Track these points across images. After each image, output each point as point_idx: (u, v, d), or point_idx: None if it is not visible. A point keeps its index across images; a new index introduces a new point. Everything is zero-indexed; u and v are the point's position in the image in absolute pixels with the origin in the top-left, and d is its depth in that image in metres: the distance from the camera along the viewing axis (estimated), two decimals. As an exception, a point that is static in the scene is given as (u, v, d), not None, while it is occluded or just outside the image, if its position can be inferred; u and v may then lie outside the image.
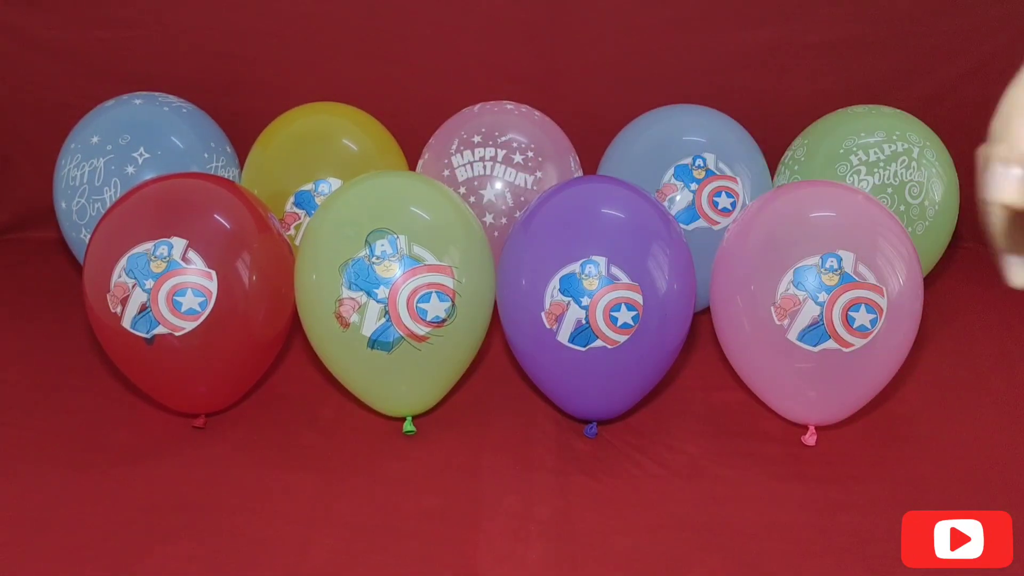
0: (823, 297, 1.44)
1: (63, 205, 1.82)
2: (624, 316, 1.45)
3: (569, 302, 1.45)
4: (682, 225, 1.77)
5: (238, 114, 2.09)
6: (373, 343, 1.47)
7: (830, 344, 1.45)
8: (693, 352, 1.84)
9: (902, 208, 1.73)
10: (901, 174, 1.74)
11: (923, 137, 1.79)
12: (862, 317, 1.44)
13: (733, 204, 1.79)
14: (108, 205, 1.75)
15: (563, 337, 1.47)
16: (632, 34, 2.11)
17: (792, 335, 1.46)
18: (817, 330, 1.45)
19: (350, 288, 1.46)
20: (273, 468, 1.52)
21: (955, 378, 1.75)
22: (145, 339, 1.49)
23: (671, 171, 1.80)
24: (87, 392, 1.72)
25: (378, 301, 1.46)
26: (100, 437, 1.60)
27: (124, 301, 1.48)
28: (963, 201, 1.85)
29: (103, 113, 1.86)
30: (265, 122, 1.97)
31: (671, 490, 1.47)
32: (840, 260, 1.44)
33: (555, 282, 1.46)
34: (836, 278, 1.43)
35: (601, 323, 1.45)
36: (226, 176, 1.90)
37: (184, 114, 1.90)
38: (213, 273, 1.49)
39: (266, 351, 1.64)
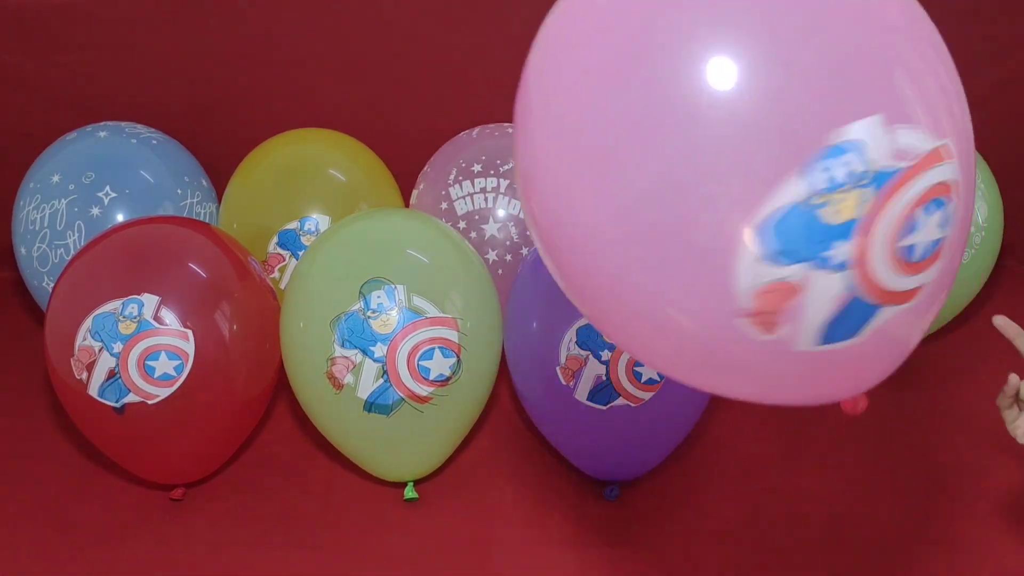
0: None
1: (23, 251, 1.67)
2: (650, 371, 1.31)
3: (587, 356, 1.32)
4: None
5: (214, 143, 1.94)
6: (370, 406, 1.34)
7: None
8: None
9: (948, 236, 1.58)
10: (946, 199, 1.59)
11: (967, 156, 1.64)
12: None
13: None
14: (72, 252, 1.60)
15: (581, 395, 1.33)
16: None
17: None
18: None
19: (343, 346, 1.33)
20: (260, 546, 1.39)
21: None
22: (114, 408, 1.34)
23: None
24: (52, 460, 1.58)
25: (375, 360, 1.32)
26: (68, 514, 1.46)
27: (90, 367, 1.34)
28: (1007, 220, 1.71)
29: (64, 147, 1.71)
30: (244, 152, 1.83)
31: (703, 563, 1.34)
32: None
33: (571, 334, 1.33)
34: None
35: (624, 379, 1.31)
36: (203, 212, 1.75)
37: (154, 146, 1.75)
38: (189, 332, 1.35)
39: (250, 411, 1.51)
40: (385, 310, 1.32)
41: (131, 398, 1.34)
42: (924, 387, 1.68)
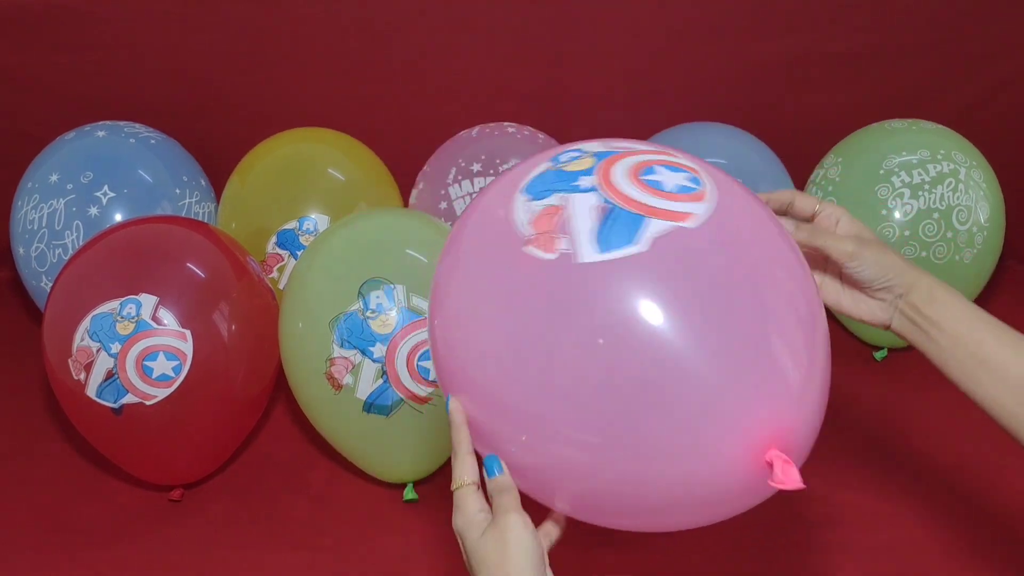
0: None
1: (21, 251, 1.66)
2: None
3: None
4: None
5: (213, 143, 1.94)
6: (369, 407, 1.33)
7: None
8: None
9: (949, 235, 1.58)
10: (948, 197, 1.59)
11: (969, 156, 1.64)
12: None
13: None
14: (70, 252, 1.60)
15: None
16: (642, 45, 1.96)
17: None
18: None
19: (342, 346, 1.32)
20: (259, 547, 1.39)
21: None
22: (112, 409, 1.33)
23: (692, 198, 1.65)
24: (50, 461, 1.57)
25: (374, 360, 1.31)
26: (66, 515, 1.46)
27: (88, 367, 1.33)
28: (1008, 220, 1.71)
29: (63, 147, 1.70)
30: (243, 151, 1.82)
31: (703, 563, 1.33)
32: None
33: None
34: None
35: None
36: (201, 211, 1.75)
37: (153, 145, 1.75)
38: (188, 333, 1.35)
39: (248, 412, 1.50)
40: (384, 310, 1.32)
41: (129, 399, 1.33)
42: (925, 386, 1.67)
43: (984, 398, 0.82)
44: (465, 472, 0.75)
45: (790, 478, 0.66)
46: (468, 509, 0.75)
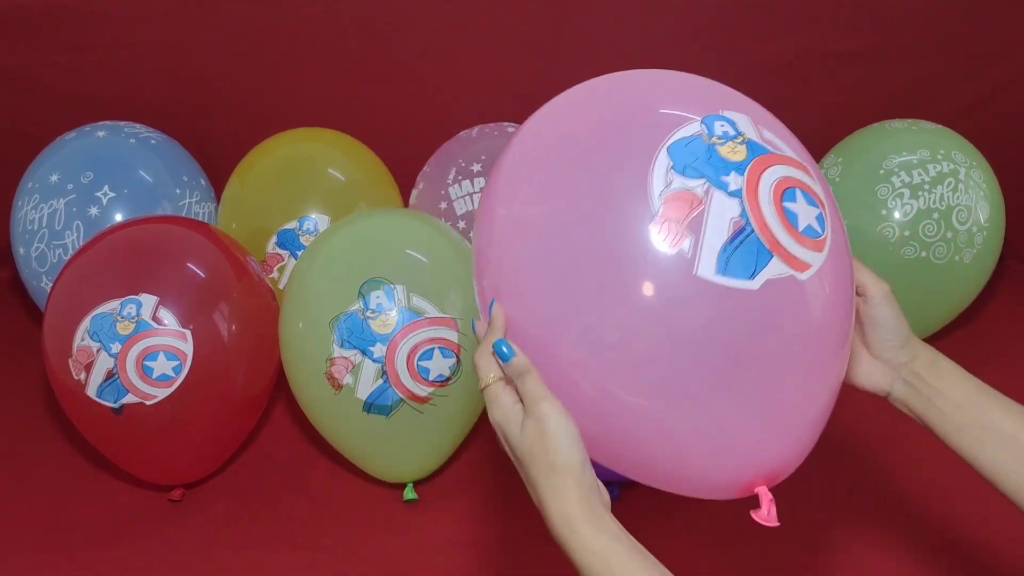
0: None
1: (21, 251, 1.67)
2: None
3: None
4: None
5: (213, 143, 1.94)
6: (369, 407, 1.33)
7: None
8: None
9: (949, 235, 1.58)
10: (948, 197, 1.59)
11: (969, 156, 1.64)
12: None
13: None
14: (70, 252, 1.59)
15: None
16: (642, 45, 1.96)
17: None
18: None
19: (343, 346, 1.32)
20: (259, 547, 1.39)
21: None
22: (112, 409, 1.33)
23: (691, 198, 1.64)
24: (50, 461, 1.57)
25: (374, 360, 1.31)
26: (66, 515, 1.46)
27: (88, 367, 1.33)
28: (1008, 220, 1.71)
29: (63, 147, 1.70)
30: (243, 151, 1.82)
31: (703, 563, 1.33)
32: None
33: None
34: None
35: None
36: (201, 211, 1.75)
37: (153, 145, 1.75)
38: (188, 332, 1.35)
39: (249, 412, 1.51)
40: (384, 310, 1.32)
41: (129, 399, 1.33)
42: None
43: (988, 463, 0.83)
44: (491, 368, 0.76)
45: (771, 516, 0.76)
46: (503, 402, 0.75)
